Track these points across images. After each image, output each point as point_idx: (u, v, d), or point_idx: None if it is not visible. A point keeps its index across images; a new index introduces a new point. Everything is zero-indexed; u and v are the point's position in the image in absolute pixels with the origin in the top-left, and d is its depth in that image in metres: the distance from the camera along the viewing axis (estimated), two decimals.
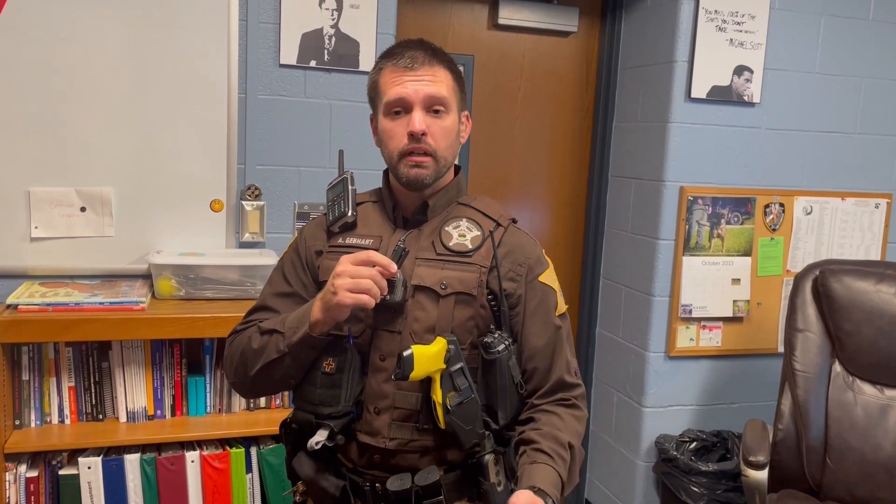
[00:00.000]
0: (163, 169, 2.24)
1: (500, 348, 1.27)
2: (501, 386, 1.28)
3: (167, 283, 2.13)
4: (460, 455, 1.30)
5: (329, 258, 1.35)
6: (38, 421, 2.05)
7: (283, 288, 1.40)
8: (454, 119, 1.33)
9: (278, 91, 2.31)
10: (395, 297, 1.25)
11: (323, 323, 1.24)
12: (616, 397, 2.87)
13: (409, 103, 1.28)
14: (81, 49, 2.13)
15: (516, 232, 1.37)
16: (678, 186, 2.61)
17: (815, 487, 2.21)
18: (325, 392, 1.26)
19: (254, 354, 1.30)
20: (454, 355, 1.24)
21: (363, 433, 1.30)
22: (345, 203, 1.37)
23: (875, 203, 2.85)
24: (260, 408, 2.22)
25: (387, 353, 1.29)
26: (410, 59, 1.29)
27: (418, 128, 1.27)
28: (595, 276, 2.99)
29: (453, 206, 1.37)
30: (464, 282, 1.29)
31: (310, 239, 1.41)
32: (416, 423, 1.29)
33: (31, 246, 2.17)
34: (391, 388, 1.29)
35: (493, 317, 1.31)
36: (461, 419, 1.24)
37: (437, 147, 1.29)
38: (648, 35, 2.69)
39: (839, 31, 2.71)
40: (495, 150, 2.86)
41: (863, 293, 2.27)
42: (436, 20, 2.70)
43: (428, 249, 1.32)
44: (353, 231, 1.37)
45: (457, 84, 1.34)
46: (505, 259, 1.32)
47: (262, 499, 2.14)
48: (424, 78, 1.28)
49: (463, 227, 1.34)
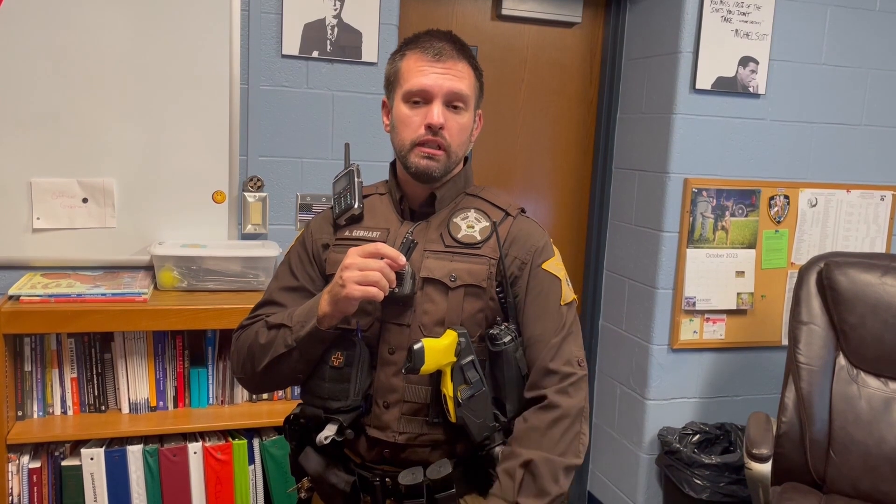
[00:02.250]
0: (165, 160, 2.23)
1: (507, 340, 1.26)
2: (509, 378, 1.27)
3: (169, 275, 2.13)
4: (470, 448, 1.29)
5: (336, 251, 1.34)
6: (41, 412, 2.05)
7: (289, 282, 1.39)
8: (470, 117, 1.33)
9: (280, 82, 2.30)
10: (404, 290, 1.24)
11: (331, 316, 1.23)
12: (619, 390, 2.87)
13: (431, 95, 1.27)
14: (83, 40, 2.12)
15: (525, 221, 1.37)
16: (682, 178, 2.59)
17: (819, 480, 2.20)
18: (334, 386, 1.25)
19: (261, 349, 1.30)
20: (465, 348, 1.23)
21: (372, 427, 1.29)
22: (351, 195, 1.36)
23: (881, 195, 2.83)
24: (262, 399, 2.22)
25: (396, 346, 1.28)
26: (438, 51, 1.28)
27: (437, 121, 1.26)
28: (599, 268, 2.98)
29: (461, 197, 1.37)
30: (473, 274, 1.29)
31: (316, 232, 1.40)
32: (426, 416, 1.28)
33: (33, 237, 2.16)
34: (401, 381, 1.28)
35: (501, 309, 1.30)
36: (472, 412, 1.23)
37: (452, 142, 1.29)
38: (653, 26, 2.67)
39: (845, 22, 2.69)
40: (499, 142, 2.85)
41: (868, 286, 2.25)
42: (439, 10, 2.69)
43: (436, 241, 1.31)
44: (359, 223, 1.36)
45: (478, 82, 1.34)
46: (512, 247, 1.32)
47: (265, 490, 2.14)
48: (449, 72, 1.28)
49: (471, 219, 1.33)
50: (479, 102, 1.36)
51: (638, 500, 2.77)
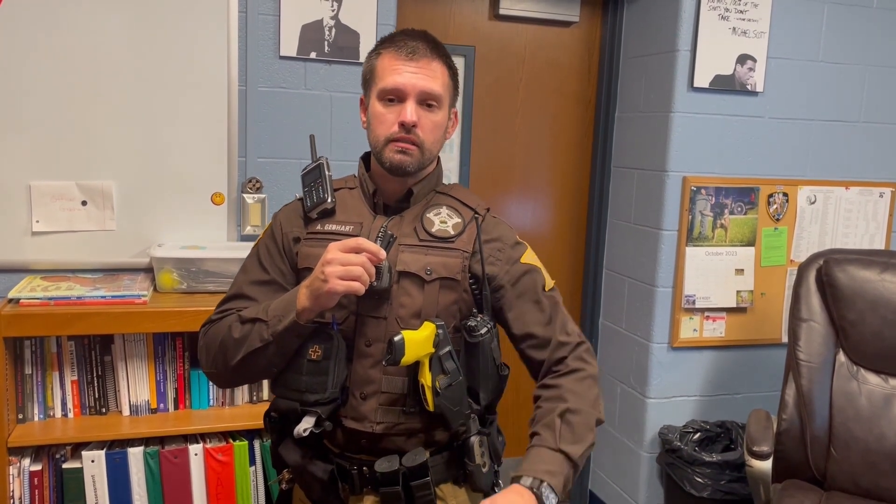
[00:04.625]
0: (164, 162, 2.23)
1: (483, 331, 1.29)
2: (483, 368, 1.31)
3: (169, 277, 2.13)
4: (446, 437, 1.33)
5: (308, 245, 1.35)
6: (42, 415, 2.05)
7: (259, 276, 1.39)
8: (444, 115, 1.34)
9: (279, 83, 2.30)
10: (382, 284, 1.26)
11: (310, 310, 1.24)
12: (620, 388, 2.87)
13: (405, 94, 1.29)
14: (82, 42, 2.12)
15: (492, 220, 1.40)
16: (681, 176, 2.59)
17: (820, 477, 2.20)
18: (312, 379, 1.26)
19: (235, 344, 1.29)
20: (443, 339, 1.26)
21: (349, 419, 1.31)
22: (323, 189, 1.37)
23: (879, 192, 2.83)
24: (263, 400, 2.22)
25: (373, 339, 1.30)
26: (412, 50, 1.30)
27: (410, 119, 1.28)
28: (598, 267, 2.98)
29: (432, 194, 1.39)
30: (448, 267, 1.31)
31: (286, 225, 1.40)
32: (402, 406, 1.30)
33: (32, 240, 2.17)
34: (378, 373, 1.30)
35: (474, 300, 1.34)
36: (450, 401, 1.26)
37: (425, 139, 1.31)
38: (651, 24, 2.68)
39: (843, 19, 2.69)
40: (497, 142, 2.85)
41: (867, 282, 2.25)
42: (436, 10, 2.69)
43: (411, 236, 1.33)
44: (331, 217, 1.37)
45: (452, 81, 1.36)
46: (485, 245, 1.34)
47: (266, 491, 2.14)
48: (423, 71, 1.29)
49: (444, 214, 1.36)
50: (453, 101, 1.38)
51: (639, 498, 2.77)
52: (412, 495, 1.28)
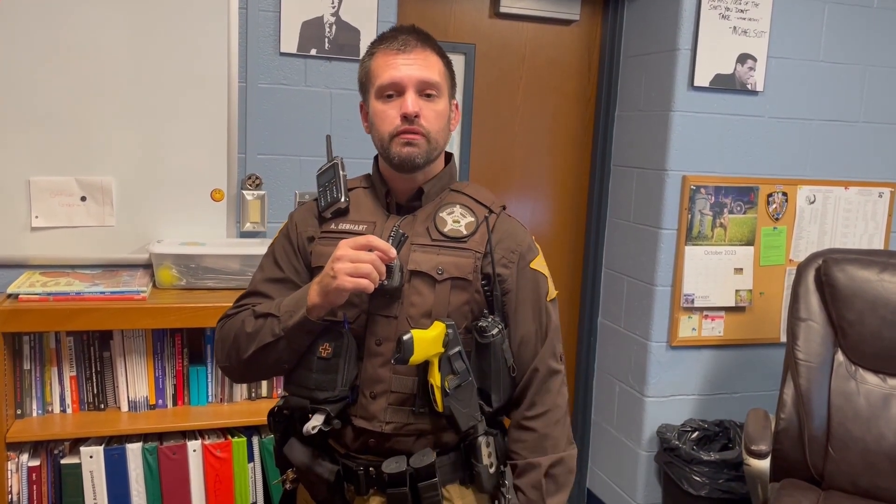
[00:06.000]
0: (163, 158, 2.23)
1: (495, 332, 1.28)
2: (495, 369, 1.30)
3: (168, 273, 2.13)
4: (454, 438, 1.32)
5: (322, 244, 1.35)
6: (40, 410, 2.05)
7: (275, 273, 1.40)
8: (445, 104, 1.34)
9: (279, 80, 2.30)
10: (393, 283, 1.26)
11: (320, 307, 1.24)
12: (618, 387, 2.87)
13: (403, 86, 1.29)
14: (81, 38, 2.12)
15: (507, 219, 1.39)
16: (681, 175, 2.60)
17: (818, 477, 2.20)
18: (322, 377, 1.27)
19: (247, 338, 1.30)
20: (452, 339, 1.26)
21: (359, 417, 1.31)
22: (336, 189, 1.37)
23: (879, 192, 2.84)
24: (262, 397, 2.22)
25: (383, 337, 1.29)
26: (403, 43, 1.30)
27: (411, 109, 1.27)
28: (597, 265, 2.98)
29: (446, 192, 1.38)
30: (460, 267, 1.30)
31: (301, 224, 1.41)
32: (412, 406, 1.30)
33: (31, 235, 2.16)
34: (388, 372, 1.29)
35: (486, 301, 1.33)
36: (459, 402, 1.25)
37: (430, 129, 1.30)
38: (651, 23, 2.68)
39: (843, 19, 2.69)
40: (497, 140, 2.85)
41: (866, 282, 2.26)
42: (437, 8, 2.69)
43: (423, 235, 1.32)
44: (345, 217, 1.37)
45: (447, 70, 1.36)
46: (498, 245, 1.33)
47: (264, 488, 2.14)
48: (417, 61, 1.30)
49: (457, 214, 1.35)
50: (452, 91, 1.37)
51: (637, 497, 2.77)
52: (419, 496, 1.27)
